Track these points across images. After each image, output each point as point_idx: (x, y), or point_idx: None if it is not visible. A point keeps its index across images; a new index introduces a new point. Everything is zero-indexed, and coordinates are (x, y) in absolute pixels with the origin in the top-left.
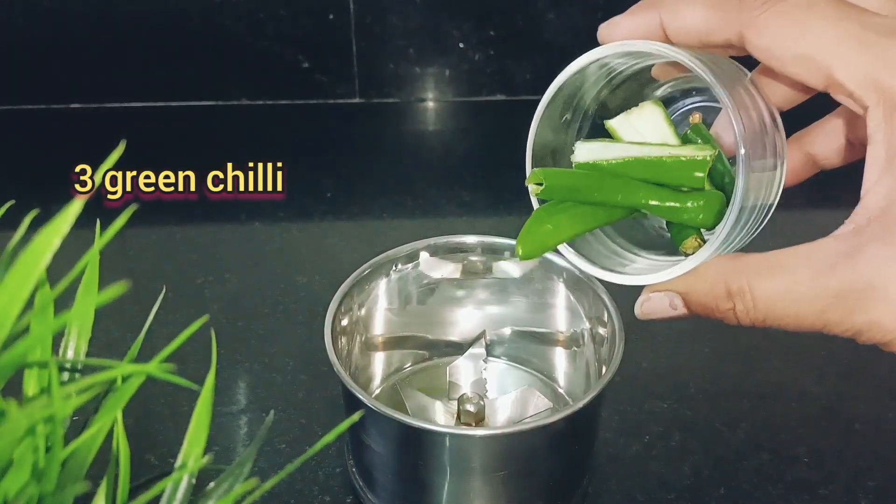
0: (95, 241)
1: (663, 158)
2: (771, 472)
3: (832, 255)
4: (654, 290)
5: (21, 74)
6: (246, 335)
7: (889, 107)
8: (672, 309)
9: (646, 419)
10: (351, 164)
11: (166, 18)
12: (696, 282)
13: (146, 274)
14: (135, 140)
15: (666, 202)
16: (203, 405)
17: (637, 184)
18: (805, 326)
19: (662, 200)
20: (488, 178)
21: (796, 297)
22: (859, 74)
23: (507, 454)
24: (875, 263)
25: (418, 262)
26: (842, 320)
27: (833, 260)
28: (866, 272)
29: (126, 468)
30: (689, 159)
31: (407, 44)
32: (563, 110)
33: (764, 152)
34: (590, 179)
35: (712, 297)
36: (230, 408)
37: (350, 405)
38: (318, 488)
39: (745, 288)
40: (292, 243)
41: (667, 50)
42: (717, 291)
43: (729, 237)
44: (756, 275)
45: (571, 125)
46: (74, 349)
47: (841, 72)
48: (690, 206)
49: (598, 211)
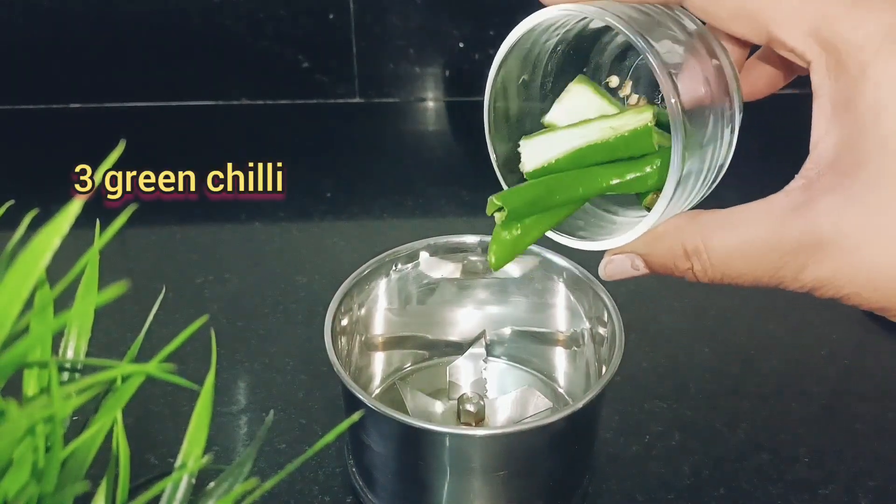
0: (95, 241)
1: (609, 140)
2: (771, 472)
3: (783, 210)
4: (616, 253)
5: (21, 74)
6: (246, 335)
7: (832, 60)
8: (634, 270)
9: (646, 419)
10: (351, 164)
11: (166, 18)
12: (655, 242)
13: (146, 274)
14: (135, 140)
15: (626, 176)
16: (203, 405)
17: (593, 171)
18: (762, 283)
19: (622, 176)
20: (488, 178)
21: (750, 253)
22: (800, 29)
23: (507, 454)
24: (826, 216)
25: (418, 262)
26: (796, 276)
27: (784, 214)
28: (817, 226)
29: (126, 468)
30: (631, 132)
31: (407, 44)
32: (519, 72)
33: (705, 113)
34: (547, 186)
35: (670, 257)
36: (230, 408)
37: (350, 405)
38: (318, 488)
39: (700, 247)
40: (292, 243)
41: (594, 11)
42: (674, 251)
43: (675, 199)
44: (710, 233)
45: (530, 85)
46: (74, 349)
47: (781, 27)
48: (649, 170)
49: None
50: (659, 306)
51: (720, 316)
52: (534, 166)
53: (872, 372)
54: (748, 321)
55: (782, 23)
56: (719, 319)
